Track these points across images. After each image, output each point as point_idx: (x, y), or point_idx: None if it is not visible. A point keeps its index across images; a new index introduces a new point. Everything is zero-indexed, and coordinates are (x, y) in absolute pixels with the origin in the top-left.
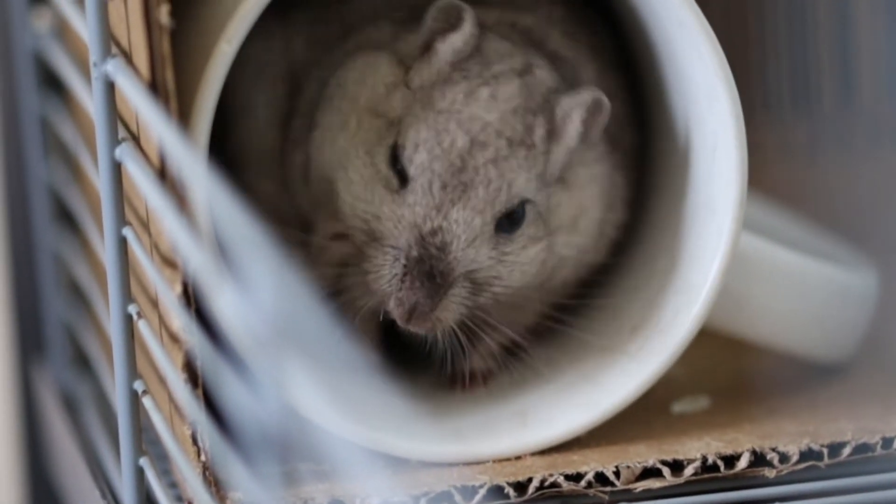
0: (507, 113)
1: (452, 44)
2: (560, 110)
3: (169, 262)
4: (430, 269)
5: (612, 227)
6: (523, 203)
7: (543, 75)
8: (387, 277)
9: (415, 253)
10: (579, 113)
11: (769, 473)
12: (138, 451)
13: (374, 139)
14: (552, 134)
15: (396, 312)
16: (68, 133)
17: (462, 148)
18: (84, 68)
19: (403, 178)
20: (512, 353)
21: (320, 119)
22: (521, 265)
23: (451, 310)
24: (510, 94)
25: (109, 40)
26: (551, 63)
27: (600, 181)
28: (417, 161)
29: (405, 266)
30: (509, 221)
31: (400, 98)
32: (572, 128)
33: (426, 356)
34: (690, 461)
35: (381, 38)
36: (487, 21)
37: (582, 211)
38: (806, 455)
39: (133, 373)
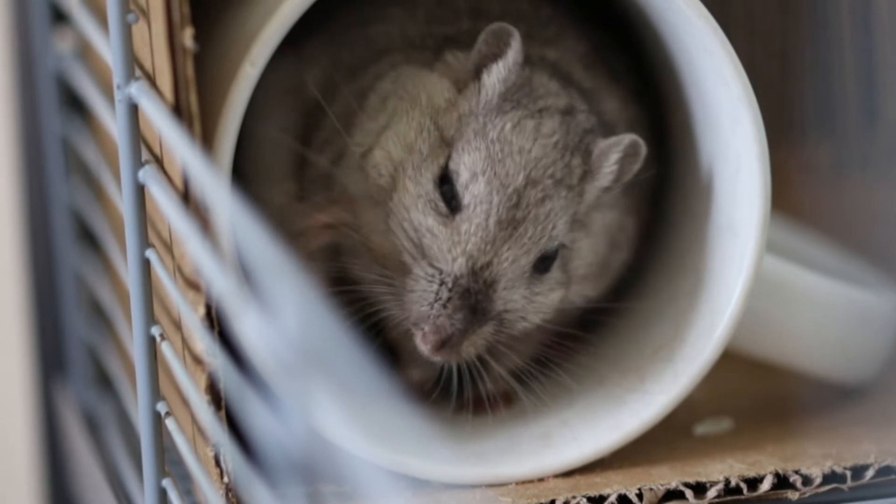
0: (549, 148)
1: (498, 73)
2: (597, 151)
3: (192, 284)
4: (474, 303)
5: (617, 267)
6: (559, 246)
7: (583, 118)
8: (428, 299)
9: (463, 282)
10: (616, 156)
11: (792, 496)
12: (161, 472)
13: (428, 151)
14: (588, 175)
15: (430, 339)
16: (90, 154)
17: (519, 184)
18: (107, 90)
19: (452, 201)
20: (526, 376)
21: (369, 119)
22: (545, 307)
23: (477, 345)
24: (552, 130)
25: (133, 63)
26: (582, 98)
27: (611, 227)
28: (475, 191)
29: (450, 291)
30: (543, 263)
31: (456, 118)
32: (608, 170)
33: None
34: (713, 483)
35: (423, 58)
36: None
37: (596, 257)
38: (829, 477)
39: (156, 394)
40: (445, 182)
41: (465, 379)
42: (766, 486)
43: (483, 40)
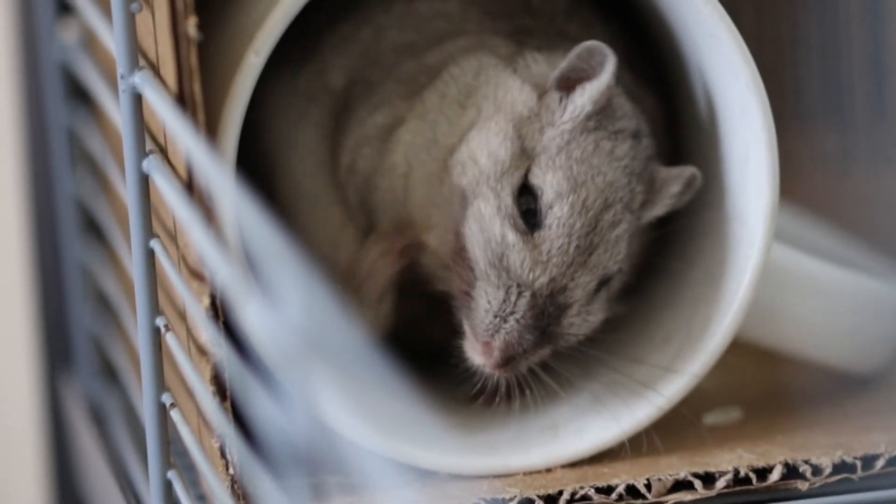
0: (620, 172)
1: (591, 94)
2: (660, 181)
3: (197, 274)
4: (546, 325)
5: (633, 272)
6: (619, 270)
7: (647, 143)
8: (504, 310)
9: (540, 303)
10: (676, 189)
11: (802, 486)
12: (166, 463)
13: (510, 162)
14: (647, 203)
15: (495, 355)
16: (95, 145)
17: (598, 208)
18: (111, 80)
19: (530, 217)
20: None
21: (451, 110)
22: (593, 327)
23: (533, 362)
24: (624, 153)
25: (137, 52)
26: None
27: (641, 251)
28: (558, 213)
29: (528, 307)
30: (600, 285)
31: (537, 129)
32: (667, 201)
33: (450, 370)
34: (722, 474)
35: (498, 47)
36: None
37: (631, 275)
38: (839, 467)
39: (161, 385)
40: (523, 194)
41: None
42: (775, 476)
43: (577, 55)
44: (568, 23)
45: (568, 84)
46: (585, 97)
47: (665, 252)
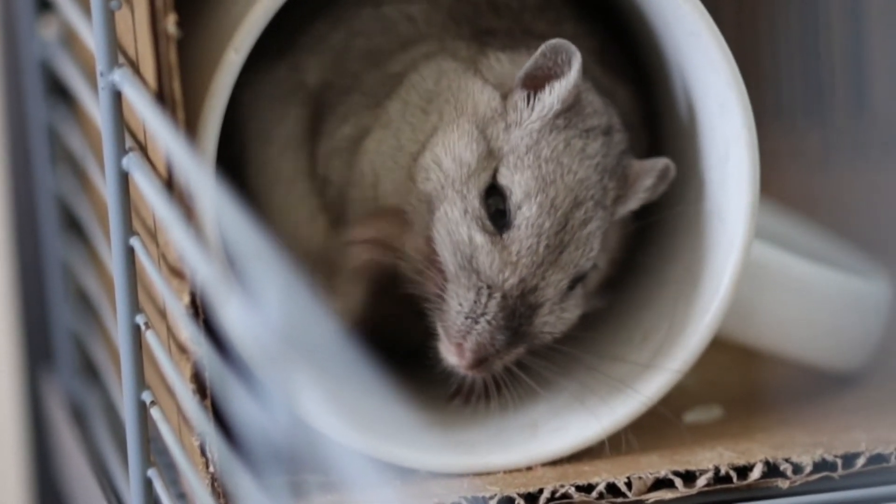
0: (592, 170)
1: (560, 93)
2: (633, 175)
3: (177, 272)
4: (517, 325)
5: (612, 266)
6: (593, 266)
7: (619, 138)
8: (475, 311)
9: (511, 303)
10: (650, 181)
11: (782, 484)
12: (146, 461)
13: (475, 165)
14: (620, 198)
15: (467, 356)
16: (75, 142)
17: (566, 207)
18: (91, 78)
19: (499, 217)
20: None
21: (414, 117)
22: (569, 323)
23: (507, 362)
24: (596, 151)
25: (116, 50)
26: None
27: (619, 245)
28: (527, 213)
29: (498, 308)
30: (573, 282)
31: (503, 129)
32: (641, 195)
33: (430, 369)
34: (703, 472)
35: (459, 50)
36: None
37: (609, 270)
38: (819, 466)
39: (141, 383)
40: (492, 195)
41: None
42: (755, 474)
43: (542, 53)
44: (535, 20)
45: (534, 83)
46: (553, 96)
47: (645, 249)
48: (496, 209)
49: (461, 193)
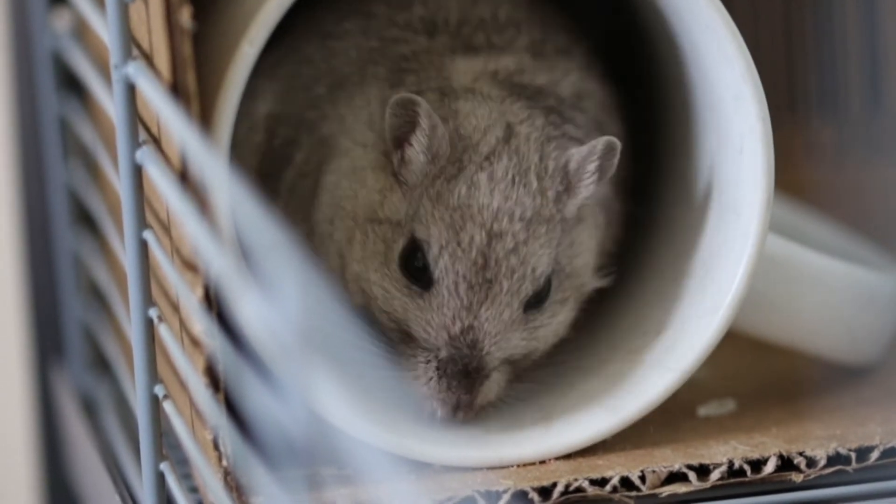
0: (509, 191)
1: (420, 145)
2: (574, 164)
3: (190, 265)
4: (463, 367)
5: (611, 244)
6: (549, 278)
7: (527, 129)
8: (423, 380)
9: (444, 354)
10: (593, 165)
11: (796, 478)
12: (159, 455)
13: (383, 248)
14: (567, 190)
15: (441, 413)
16: (88, 135)
17: (481, 244)
18: (104, 70)
19: (425, 277)
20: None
21: (333, 231)
22: (554, 329)
23: (494, 391)
24: (504, 170)
25: (130, 42)
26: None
27: (602, 204)
28: (441, 265)
29: (438, 369)
30: (536, 298)
31: (399, 198)
32: (588, 179)
33: None
34: (716, 465)
35: (379, 82)
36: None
37: (597, 239)
38: (834, 459)
39: (154, 377)
40: (414, 252)
41: None
42: (769, 467)
43: (391, 114)
44: (476, 33)
45: (401, 142)
46: (416, 148)
47: (659, 244)
48: (423, 264)
49: (382, 273)
